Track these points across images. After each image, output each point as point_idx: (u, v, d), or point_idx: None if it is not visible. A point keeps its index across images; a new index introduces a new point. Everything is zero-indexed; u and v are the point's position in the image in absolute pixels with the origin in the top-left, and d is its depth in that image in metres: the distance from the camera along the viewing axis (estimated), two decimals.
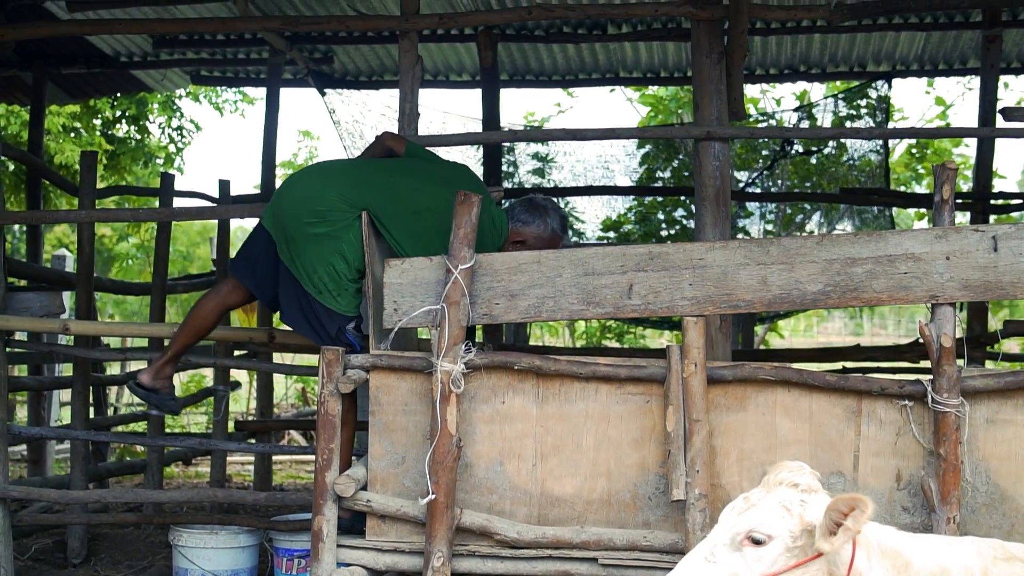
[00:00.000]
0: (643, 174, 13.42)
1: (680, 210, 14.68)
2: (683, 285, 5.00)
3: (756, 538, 3.40)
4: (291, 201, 5.54)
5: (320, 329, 5.46)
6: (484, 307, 5.10)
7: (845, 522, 3.31)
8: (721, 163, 5.98)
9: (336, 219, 5.41)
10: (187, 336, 5.93)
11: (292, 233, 5.46)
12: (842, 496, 3.33)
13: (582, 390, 5.09)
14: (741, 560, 3.41)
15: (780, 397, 5.00)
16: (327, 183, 5.52)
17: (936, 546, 3.67)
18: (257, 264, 5.72)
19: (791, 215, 14.37)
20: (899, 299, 4.92)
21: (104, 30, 9.03)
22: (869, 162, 12.48)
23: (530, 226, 5.73)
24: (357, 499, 5.09)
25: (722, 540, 3.47)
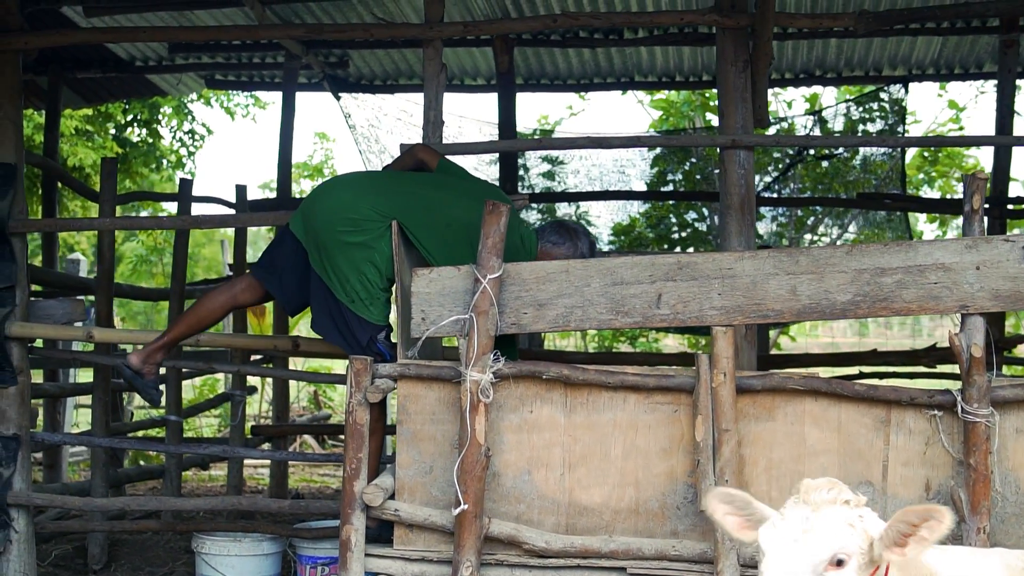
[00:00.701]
0: (654, 176, 13.41)
1: (692, 213, 14.66)
2: (712, 295, 5.00)
3: (840, 559, 3.32)
4: (323, 210, 5.52)
5: (351, 338, 5.45)
6: (512, 316, 5.10)
7: (919, 532, 3.26)
8: (746, 171, 5.98)
9: (369, 228, 5.41)
10: (187, 326, 5.91)
11: (325, 241, 5.45)
12: (915, 507, 3.29)
13: (610, 399, 5.09)
14: None
15: (809, 407, 5.00)
16: (359, 193, 5.52)
17: (963, 557, 3.66)
18: (284, 270, 5.72)
19: (802, 218, 14.36)
20: (929, 309, 4.92)
21: (128, 38, 9.07)
22: (882, 165, 12.47)
23: (560, 247, 5.69)
24: (385, 508, 5.09)
25: (802, 570, 3.35)
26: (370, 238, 5.41)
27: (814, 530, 3.32)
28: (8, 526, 6.51)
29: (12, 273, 6.54)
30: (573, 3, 8.71)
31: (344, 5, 9.04)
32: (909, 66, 10.92)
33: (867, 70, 11.07)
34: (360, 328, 5.46)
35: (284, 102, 10.64)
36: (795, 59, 10.82)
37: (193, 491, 11.21)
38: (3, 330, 6.47)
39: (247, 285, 5.89)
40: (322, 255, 5.48)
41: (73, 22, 9.36)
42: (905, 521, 3.28)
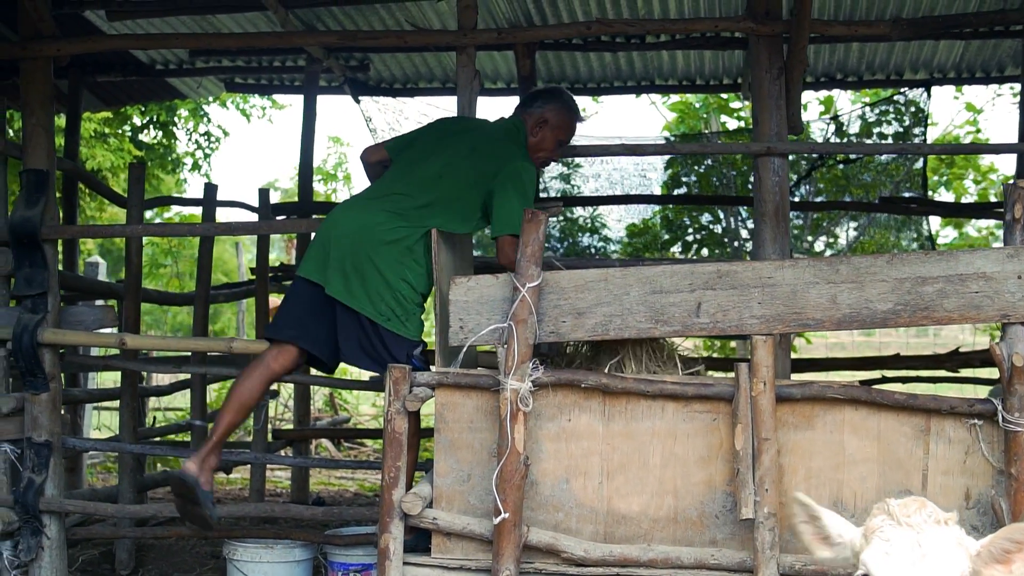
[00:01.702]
0: (668, 178, 13.41)
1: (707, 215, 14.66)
2: (752, 303, 4.99)
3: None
4: (346, 232, 5.56)
5: (388, 358, 5.42)
6: (551, 325, 5.09)
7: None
8: (781, 178, 5.98)
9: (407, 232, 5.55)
10: (232, 415, 5.72)
11: (353, 264, 5.48)
12: (1018, 525, 3.27)
13: (648, 408, 5.08)
14: None
15: (848, 415, 4.99)
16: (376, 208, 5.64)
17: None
18: (308, 321, 5.67)
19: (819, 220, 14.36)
20: (970, 318, 4.91)
21: (159, 44, 9.05)
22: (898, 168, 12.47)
23: (550, 103, 6.02)
24: (424, 517, 5.09)
25: None
26: (410, 242, 5.53)
27: (930, 555, 3.21)
28: (40, 532, 6.53)
29: (44, 280, 6.55)
30: (596, 7, 8.71)
31: (366, 9, 9.03)
32: (931, 70, 10.89)
33: (888, 74, 11.04)
34: (396, 345, 5.48)
35: (305, 106, 10.64)
36: (816, 63, 10.78)
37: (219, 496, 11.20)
38: (35, 337, 6.48)
39: (276, 352, 5.75)
40: (349, 279, 5.49)
41: (95, 26, 9.37)
42: (1011, 539, 3.22)
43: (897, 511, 3.30)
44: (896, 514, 3.29)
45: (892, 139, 12.58)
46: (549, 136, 5.98)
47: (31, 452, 6.56)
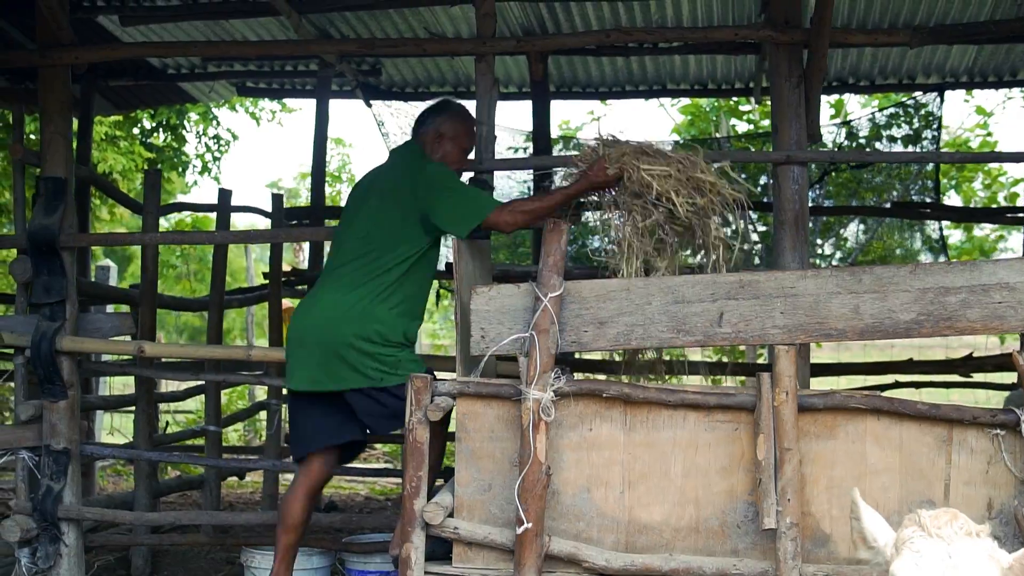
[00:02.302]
0: None
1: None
2: (774, 313, 4.99)
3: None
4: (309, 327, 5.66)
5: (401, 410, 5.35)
6: (573, 335, 5.10)
7: None
8: (800, 186, 5.98)
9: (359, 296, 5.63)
10: (288, 536, 5.75)
11: (328, 352, 5.57)
12: None
13: (670, 418, 5.08)
14: None
15: (870, 425, 4.99)
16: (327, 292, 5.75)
17: None
18: (320, 422, 5.74)
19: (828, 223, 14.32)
20: (993, 328, 4.91)
21: (177, 52, 9.07)
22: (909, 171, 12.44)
23: (439, 116, 5.96)
24: (445, 526, 5.09)
25: None
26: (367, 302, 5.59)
27: (960, 567, 3.19)
28: (58, 540, 6.53)
29: (63, 287, 6.56)
30: (610, 13, 8.71)
31: (380, 15, 9.03)
32: (943, 74, 10.87)
33: (901, 78, 11.03)
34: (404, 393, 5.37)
35: (318, 110, 10.63)
36: (829, 67, 10.75)
37: (231, 500, 11.22)
38: (54, 344, 6.49)
39: (308, 466, 5.81)
40: (332, 365, 5.57)
41: (108, 32, 9.37)
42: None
43: (928, 522, 3.29)
44: (927, 525, 3.28)
45: (902, 142, 12.55)
46: (450, 148, 5.91)
47: (49, 459, 6.57)
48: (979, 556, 3.19)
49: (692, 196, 5.41)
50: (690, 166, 5.46)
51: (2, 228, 14.76)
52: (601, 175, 5.47)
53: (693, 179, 5.42)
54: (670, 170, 5.36)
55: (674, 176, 5.36)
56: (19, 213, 6.93)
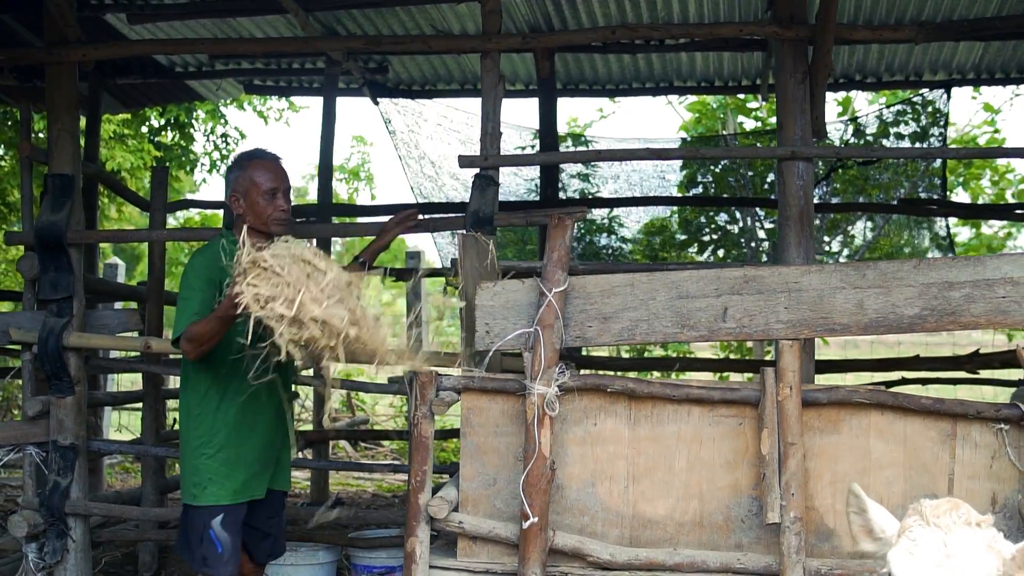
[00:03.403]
0: (684, 178, 13.39)
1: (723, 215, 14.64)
2: (778, 308, 5.00)
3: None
4: None
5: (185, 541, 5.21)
6: (577, 330, 5.11)
7: None
8: (805, 182, 5.98)
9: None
10: None
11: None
12: None
13: (674, 412, 5.10)
14: None
15: (874, 420, 5.00)
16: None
17: None
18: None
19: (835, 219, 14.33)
20: (997, 323, 4.92)
21: (185, 49, 9.07)
22: (915, 167, 12.45)
23: (228, 179, 5.33)
24: (449, 520, 5.11)
25: None
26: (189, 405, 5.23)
27: (956, 556, 3.15)
28: (65, 535, 6.56)
29: (69, 284, 6.59)
30: (616, 9, 8.71)
31: (386, 12, 9.04)
32: (950, 71, 10.86)
33: (908, 75, 11.01)
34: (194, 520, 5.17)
35: (325, 108, 10.65)
36: (836, 64, 10.75)
37: None
38: (61, 340, 6.51)
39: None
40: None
41: (116, 30, 9.39)
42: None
43: (928, 512, 3.24)
44: (926, 514, 3.24)
45: (909, 139, 12.56)
46: (251, 200, 5.14)
47: (56, 455, 6.59)
48: (975, 546, 3.15)
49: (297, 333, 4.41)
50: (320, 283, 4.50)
51: (12, 226, 14.79)
52: (229, 294, 4.60)
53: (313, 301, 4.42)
54: (276, 293, 4.40)
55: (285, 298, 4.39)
56: (27, 210, 6.96)
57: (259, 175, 5.17)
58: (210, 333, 4.81)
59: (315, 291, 4.41)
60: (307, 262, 4.50)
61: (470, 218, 6.14)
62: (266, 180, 5.17)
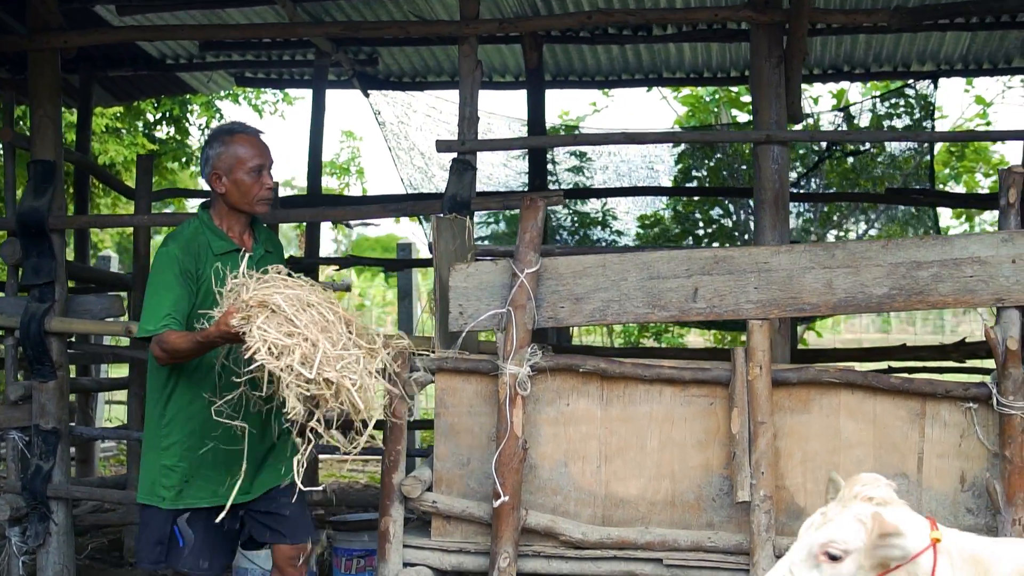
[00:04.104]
0: (679, 173, 13.41)
1: (717, 209, 14.65)
2: (748, 289, 5.04)
3: (832, 553, 3.39)
4: None
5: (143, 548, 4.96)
6: (549, 311, 5.15)
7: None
8: (780, 166, 6.00)
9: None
10: None
11: None
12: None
13: (646, 392, 5.14)
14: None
15: (844, 399, 5.03)
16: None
17: (1014, 550, 3.67)
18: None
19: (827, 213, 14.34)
20: (964, 302, 4.95)
21: (165, 36, 9.11)
22: (908, 160, 12.46)
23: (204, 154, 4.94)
24: (423, 500, 5.15)
25: (800, 557, 3.46)
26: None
27: (825, 524, 3.45)
28: (48, 519, 6.59)
29: (52, 269, 6.62)
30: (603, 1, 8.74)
31: (374, 2, 9.08)
32: (938, 61, 10.88)
33: (895, 65, 11.04)
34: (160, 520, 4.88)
35: (314, 99, 10.68)
36: (823, 55, 10.80)
37: None
38: (42, 325, 6.55)
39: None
40: None
41: (106, 21, 9.43)
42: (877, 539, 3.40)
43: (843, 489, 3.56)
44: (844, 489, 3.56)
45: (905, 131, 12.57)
46: (235, 179, 4.80)
47: (39, 439, 6.62)
48: (846, 517, 3.42)
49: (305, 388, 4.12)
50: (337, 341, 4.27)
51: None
52: (224, 327, 4.26)
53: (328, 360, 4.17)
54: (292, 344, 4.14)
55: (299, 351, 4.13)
56: (9, 196, 7.00)
57: (243, 151, 4.83)
58: (188, 353, 4.51)
59: (329, 349, 4.16)
60: (314, 306, 4.30)
61: (447, 202, 6.18)
62: (251, 156, 4.84)
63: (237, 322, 4.20)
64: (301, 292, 4.32)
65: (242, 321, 4.19)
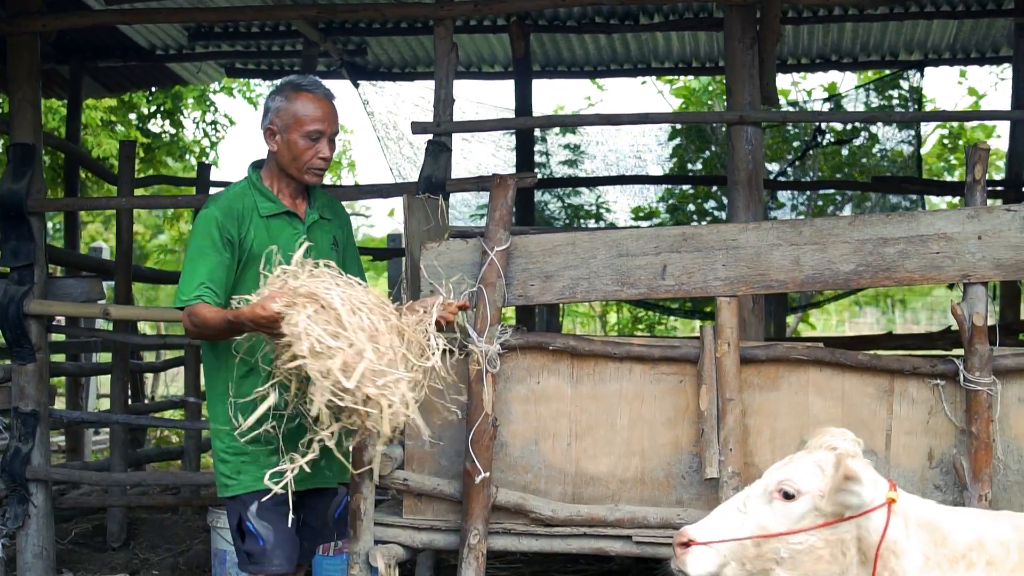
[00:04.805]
0: (674, 166, 13.44)
1: (711, 201, 14.68)
2: (716, 266, 5.05)
3: (786, 491, 3.45)
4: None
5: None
6: (519, 288, 5.16)
7: None
8: (754, 147, 6.02)
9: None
10: None
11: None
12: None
13: (616, 370, 5.14)
14: (770, 513, 3.47)
15: (813, 376, 5.04)
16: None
17: (972, 520, 3.68)
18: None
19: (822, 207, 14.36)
20: (931, 278, 4.96)
21: (143, 19, 9.11)
22: (900, 153, 12.49)
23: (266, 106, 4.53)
24: (394, 478, 5.16)
25: (755, 492, 3.53)
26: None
27: (784, 467, 3.54)
28: (27, 500, 6.62)
29: (30, 252, 6.65)
30: None
31: None
32: (925, 50, 10.92)
33: (883, 54, 11.08)
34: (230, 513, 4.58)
35: None
36: (811, 44, 10.84)
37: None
38: (22, 307, 6.57)
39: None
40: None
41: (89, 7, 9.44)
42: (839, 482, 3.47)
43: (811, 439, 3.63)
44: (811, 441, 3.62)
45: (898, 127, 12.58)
46: (290, 139, 4.42)
47: (18, 422, 6.65)
48: (806, 461, 3.51)
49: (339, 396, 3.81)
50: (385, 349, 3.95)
51: None
52: (260, 310, 3.93)
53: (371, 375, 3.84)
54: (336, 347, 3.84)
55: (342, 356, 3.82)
56: None
57: (306, 111, 4.40)
58: (215, 331, 4.22)
59: (374, 361, 3.83)
60: (366, 311, 3.96)
61: (423, 183, 6.20)
62: (312, 119, 4.41)
63: (280, 307, 3.87)
64: (356, 293, 4.00)
65: (286, 308, 3.88)
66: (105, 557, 7.63)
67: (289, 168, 4.45)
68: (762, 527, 3.47)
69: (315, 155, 4.43)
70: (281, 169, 4.48)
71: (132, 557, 7.60)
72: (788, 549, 3.45)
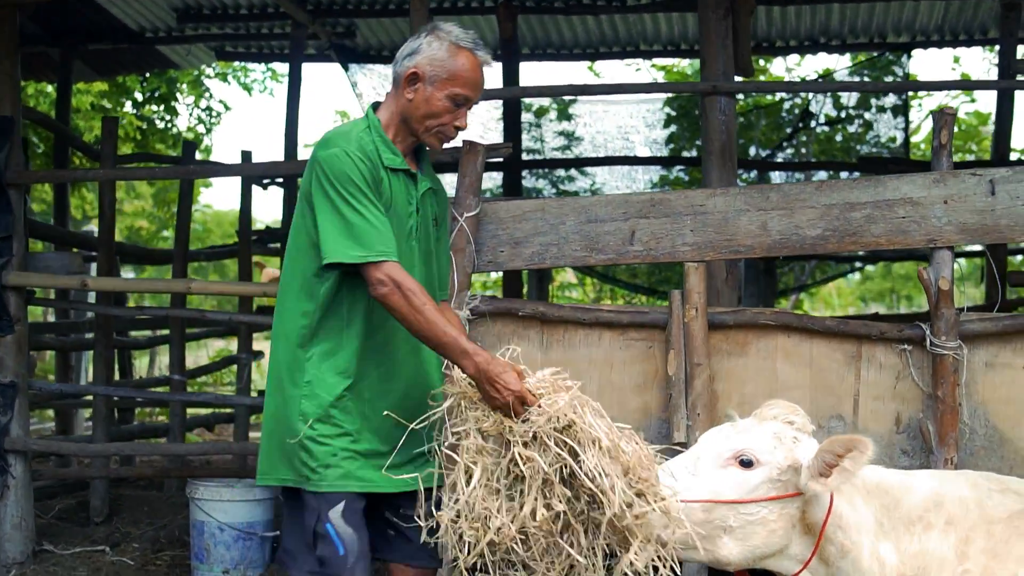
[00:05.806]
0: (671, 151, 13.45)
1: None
2: (684, 231, 5.07)
3: (745, 459, 3.45)
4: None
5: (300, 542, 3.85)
6: (489, 255, 5.18)
7: (842, 463, 3.35)
8: (728, 117, 6.02)
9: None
10: None
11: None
12: (840, 437, 3.40)
13: (586, 336, 5.16)
14: (723, 479, 3.45)
15: (781, 342, 5.06)
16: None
17: (928, 481, 3.69)
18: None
19: None
20: (897, 243, 4.98)
21: None
22: (893, 139, 12.50)
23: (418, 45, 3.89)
24: None
25: (707, 455, 3.51)
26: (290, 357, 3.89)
27: (745, 432, 3.53)
28: (6, 472, 6.64)
29: (9, 224, 6.65)
30: None
31: None
32: (913, 32, 10.92)
33: (871, 36, 11.07)
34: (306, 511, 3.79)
35: (291, 72, 10.71)
36: (799, 25, 10.84)
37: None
38: (0, 279, 6.59)
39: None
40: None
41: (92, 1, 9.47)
42: (830, 451, 3.38)
43: (762, 409, 3.65)
44: (762, 409, 3.65)
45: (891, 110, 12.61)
46: (433, 95, 3.85)
47: None
48: (765, 431, 3.52)
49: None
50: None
51: None
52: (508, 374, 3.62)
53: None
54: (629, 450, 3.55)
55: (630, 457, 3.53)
56: None
57: (464, 71, 3.85)
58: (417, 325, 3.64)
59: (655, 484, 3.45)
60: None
61: None
62: (467, 82, 3.87)
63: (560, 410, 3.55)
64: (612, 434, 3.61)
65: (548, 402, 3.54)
66: (87, 531, 7.64)
67: (415, 122, 3.88)
68: (715, 493, 3.45)
69: (452, 120, 3.89)
70: (404, 120, 3.90)
71: (114, 531, 7.61)
72: (739, 518, 3.45)
